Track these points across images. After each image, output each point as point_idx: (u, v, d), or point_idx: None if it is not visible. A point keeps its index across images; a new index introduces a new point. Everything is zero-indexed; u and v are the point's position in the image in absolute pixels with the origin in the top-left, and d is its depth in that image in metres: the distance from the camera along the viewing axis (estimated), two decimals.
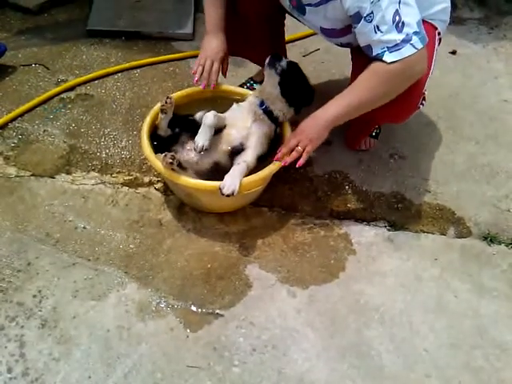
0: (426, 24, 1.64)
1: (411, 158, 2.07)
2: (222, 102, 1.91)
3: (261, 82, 1.96)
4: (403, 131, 2.18)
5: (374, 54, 1.50)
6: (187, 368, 1.43)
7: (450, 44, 2.66)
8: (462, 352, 1.52)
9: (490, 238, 1.80)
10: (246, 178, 1.61)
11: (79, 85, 2.25)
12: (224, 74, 1.91)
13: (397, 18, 1.44)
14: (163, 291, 1.59)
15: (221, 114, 1.67)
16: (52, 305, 1.54)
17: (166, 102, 1.65)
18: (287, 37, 2.56)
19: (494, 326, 1.58)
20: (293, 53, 2.49)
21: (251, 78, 2.28)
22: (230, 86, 1.97)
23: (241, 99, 1.83)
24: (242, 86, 2.24)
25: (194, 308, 1.56)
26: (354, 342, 1.52)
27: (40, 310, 1.52)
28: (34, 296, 1.55)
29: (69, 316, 1.51)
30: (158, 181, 1.90)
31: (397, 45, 1.45)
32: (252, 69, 2.29)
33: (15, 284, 1.57)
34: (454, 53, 2.63)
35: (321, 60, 2.48)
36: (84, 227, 1.74)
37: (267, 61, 1.70)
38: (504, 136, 2.20)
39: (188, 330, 1.51)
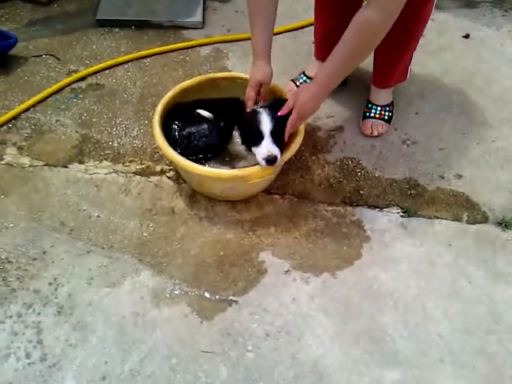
0: None
1: (424, 144, 2.06)
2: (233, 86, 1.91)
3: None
4: (416, 116, 2.16)
5: None
6: (202, 353, 1.44)
7: (462, 28, 2.62)
8: (476, 337, 1.51)
9: (504, 224, 1.78)
10: (257, 167, 1.61)
11: (90, 75, 2.25)
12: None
13: None
14: (177, 278, 1.60)
15: None
16: (67, 292, 1.56)
17: None
18: (295, 24, 2.56)
19: (509, 312, 1.57)
20: (303, 40, 2.48)
21: (304, 73, 2.22)
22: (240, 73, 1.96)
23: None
24: (293, 81, 2.20)
25: (207, 295, 1.57)
26: (368, 327, 1.52)
27: (56, 298, 1.54)
28: (50, 284, 1.57)
29: (84, 303, 1.53)
30: (169, 169, 1.90)
31: None
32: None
33: (31, 272, 1.59)
34: (467, 37, 2.59)
35: None
36: (98, 216, 1.75)
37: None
38: None
39: (202, 317, 1.52)
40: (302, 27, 2.57)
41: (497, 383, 1.42)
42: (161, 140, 1.65)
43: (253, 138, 1.60)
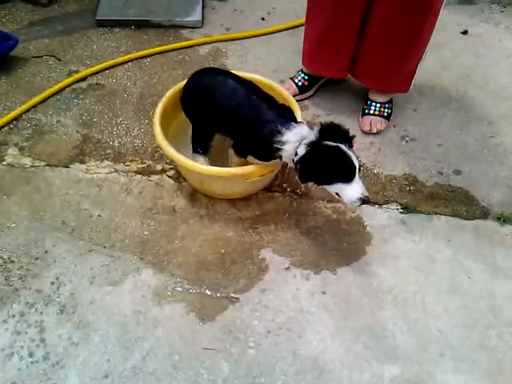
0: None
1: (423, 140, 2.07)
2: None
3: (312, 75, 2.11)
4: (414, 113, 2.17)
5: None
6: (204, 350, 1.45)
7: (461, 24, 2.63)
8: (475, 331, 1.52)
9: (503, 219, 1.79)
10: (257, 165, 1.61)
11: (90, 75, 2.27)
12: None
13: None
14: (178, 276, 1.61)
15: None
16: (70, 291, 1.57)
17: None
18: (294, 22, 2.57)
19: (508, 306, 1.58)
20: (301, 37, 2.47)
21: (302, 71, 2.22)
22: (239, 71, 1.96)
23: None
24: (292, 79, 2.22)
25: (208, 292, 1.58)
26: (368, 323, 1.53)
27: (58, 297, 1.55)
28: (52, 283, 1.58)
29: (86, 302, 1.55)
30: (170, 168, 1.92)
31: None
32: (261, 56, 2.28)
33: (33, 271, 1.61)
34: (465, 33, 2.60)
35: None
36: (99, 215, 1.76)
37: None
38: None
39: (203, 314, 1.53)
40: (301, 25, 2.57)
41: (497, 377, 1.43)
42: (161, 139, 1.66)
43: (341, 174, 1.43)
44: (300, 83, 2.19)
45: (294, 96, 2.08)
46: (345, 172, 1.42)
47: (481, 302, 1.59)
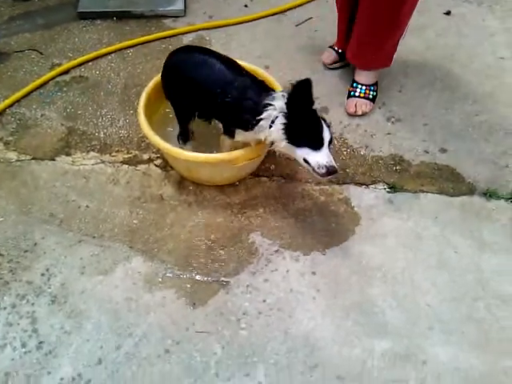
0: None
1: (408, 120, 2.08)
2: None
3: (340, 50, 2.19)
4: (400, 94, 2.18)
5: None
6: (196, 333, 1.47)
7: (444, 4, 2.63)
8: (463, 304, 1.54)
9: (489, 194, 1.81)
10: (244, 149, 1.62)
11: (73, 67, 2.26)
12: None
13: None
14: (168, 263, 1.62)
15: None
16: (60, 282, 1.57)
17: None
18: (279, 7, 2.56)
19: (495, 279, 1.60)
20: (285, 23, 2.49)
21: (331, 47, 2.27)
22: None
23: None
24: (331, 47, 2.25)
25: (199, 277, 1.59)
26: (358, 300, 1.55)
27: (49, 288, 1.56)
28: (43, 274, 1.59)
29: (77, 291, 1.55)
30: (157, 157, 1.92)
31: None
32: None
33: (23, 264, 1.61)
34: (448, 13, 2.60)
35: (314, 28, 2.46)
36: (87, 206, 1.76)
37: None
38: (501, 93, 2.19)
39: (195, 298, 1.54)
40: (285, 10, 2.57)
41: (485, 347, 1.45)
42: (147, 128, 1.66)
43: (310, 141, 1.44)
44: (340, 50, 2.23)
45: (333, 63, 2.24)
46: (314, 139, 1.44)
47: (468, 275, 1.61)
